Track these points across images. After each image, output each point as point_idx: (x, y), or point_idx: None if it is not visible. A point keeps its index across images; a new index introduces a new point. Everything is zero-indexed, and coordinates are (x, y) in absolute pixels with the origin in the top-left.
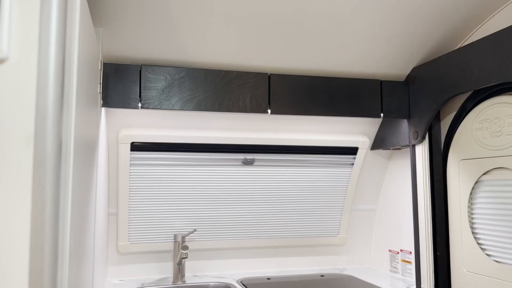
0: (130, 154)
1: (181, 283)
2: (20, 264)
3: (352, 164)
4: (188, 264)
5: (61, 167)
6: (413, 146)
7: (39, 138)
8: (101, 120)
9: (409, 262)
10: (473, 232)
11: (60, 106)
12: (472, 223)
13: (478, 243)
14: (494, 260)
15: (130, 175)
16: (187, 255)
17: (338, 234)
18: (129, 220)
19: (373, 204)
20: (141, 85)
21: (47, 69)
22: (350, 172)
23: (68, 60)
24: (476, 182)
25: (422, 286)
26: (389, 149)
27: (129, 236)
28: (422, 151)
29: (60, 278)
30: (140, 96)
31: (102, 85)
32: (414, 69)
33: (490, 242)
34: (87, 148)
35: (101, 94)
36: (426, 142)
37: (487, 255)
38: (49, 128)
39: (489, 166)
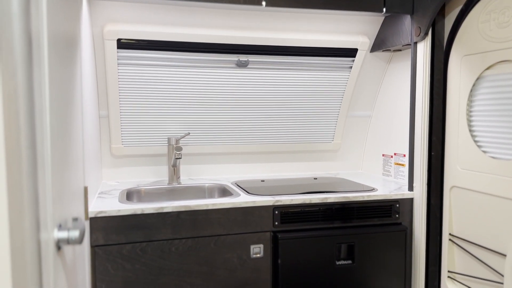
0: (117, 52)
1: (176, 184)
2: None
3: (350, 67)
4: (183, 168)
5: (33, 66)
6: (415, 44)
7: (3, 32)
8: (83, 13)
9: (402, 164)
10: (470, 130)
11: None
12: (470, 120)
13: (475, 141)
14: (490, 156)
15: (118, 75)
16: (180, 155)
17: (332, 140)
18: (121, 123)
19: (369, 110)
20: None
21: None
22: (347, 76)
23: None
24: (478, 79)
25: (414, 185)
26: (390, 50)
27: (122, 139)
28: (423, 49)
29: (42, 182)
30: None
31: None
32: None
33: (487, 139)
34: (67, 44)
35: None
36: (428, 39)
37: (483, 151)
38: (15, 22)
39: (493, 60)
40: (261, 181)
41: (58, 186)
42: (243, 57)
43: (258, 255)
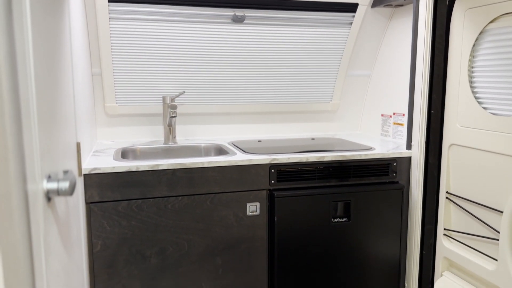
0: (109, 6)
1: (172, 144)
2: None
3: (350, 23)
4: (179, 128)
5: (12, 10)
6: None
7: None
8: None
9: (401, 124)
10: (471, 86)
11: None
12: (472, 77)
13: (476, 97)
14: (491, 113)
15: (110, 31)
16: (175, 114)
17: (331, 100)
18: (114, 81)
19: (369, 70)
20: None
21: None
22: (347, 33)
23: None
24: (481, 33)
25: (412, 143)
26: (391, 5)
27: (116, 97)
28: (426, 3)
29: (28, 131)
30: None
31: None
32: None
33: (488, 95)
34: None
35: None
36: None
37: (484, 108)
38: None
39: (498, 12)
40: (258, 141)
41: (46, 136)
42: (239, 12)
43: (254, 213)
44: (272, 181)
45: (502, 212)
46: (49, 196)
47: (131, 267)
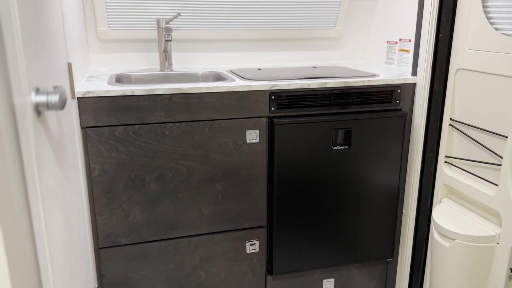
0: None
1: (168, 71)
2: None
3: None
4: (175, 56)
5: None
6: None
7: None
8: None
9: (406, 50)
10: (483, 6)
11: None
12: None
13: (488, 17)
14: (503, 34)
15: None
16: (171, 37)
17: (334, 27)
18: (106, 3)
19: None
20: None
21: None
22: None
23: None
24: None
25: (418, 69)
26: None
27: (108, 20)
28: None
29: (11, 50)
30: None
31: None
32: None
33: (501, 15)
34: None
35: None
36: None
37: (496, 29)
38: None
39: None
40: (258, 69)
41: (33, 50)
42: None
43: (253, 141)
44: (272, 108)
45: (506, 137)
46: (38, 110)
47: (130, 192)
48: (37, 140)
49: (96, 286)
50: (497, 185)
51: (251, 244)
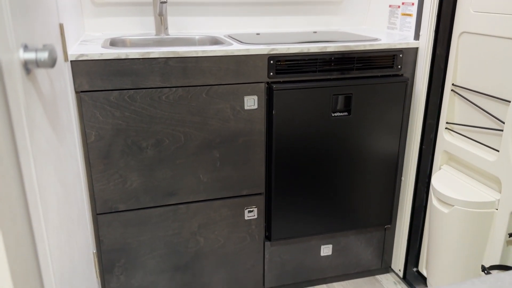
0: None
1: (164, 35)
2: None
3: None
4: (171, 20)
5: None
6: None
7: None
8: None
9: (409, 14)
10: None
11: None
12: None
13: None
14: None
15: None
16: None
17: None
18: None
19: None
20: None
21: None
22: None
23: None
24: None
25: (421, 33)
26: None
27: None
28: None
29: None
30: None
31: None
32: None
33: None
34: None
35: None
36: None
37: None
38: None
39: None
40: (256, 34)
41: (19, 3)
42: None
43: (252, 107)
44: (271, 73)
45: (509, 101)
46: (28, 67)
47: (127, 158)
48: (27, 98)
49: (95, 251)
50: (498, 150)
51: (250, 211)
